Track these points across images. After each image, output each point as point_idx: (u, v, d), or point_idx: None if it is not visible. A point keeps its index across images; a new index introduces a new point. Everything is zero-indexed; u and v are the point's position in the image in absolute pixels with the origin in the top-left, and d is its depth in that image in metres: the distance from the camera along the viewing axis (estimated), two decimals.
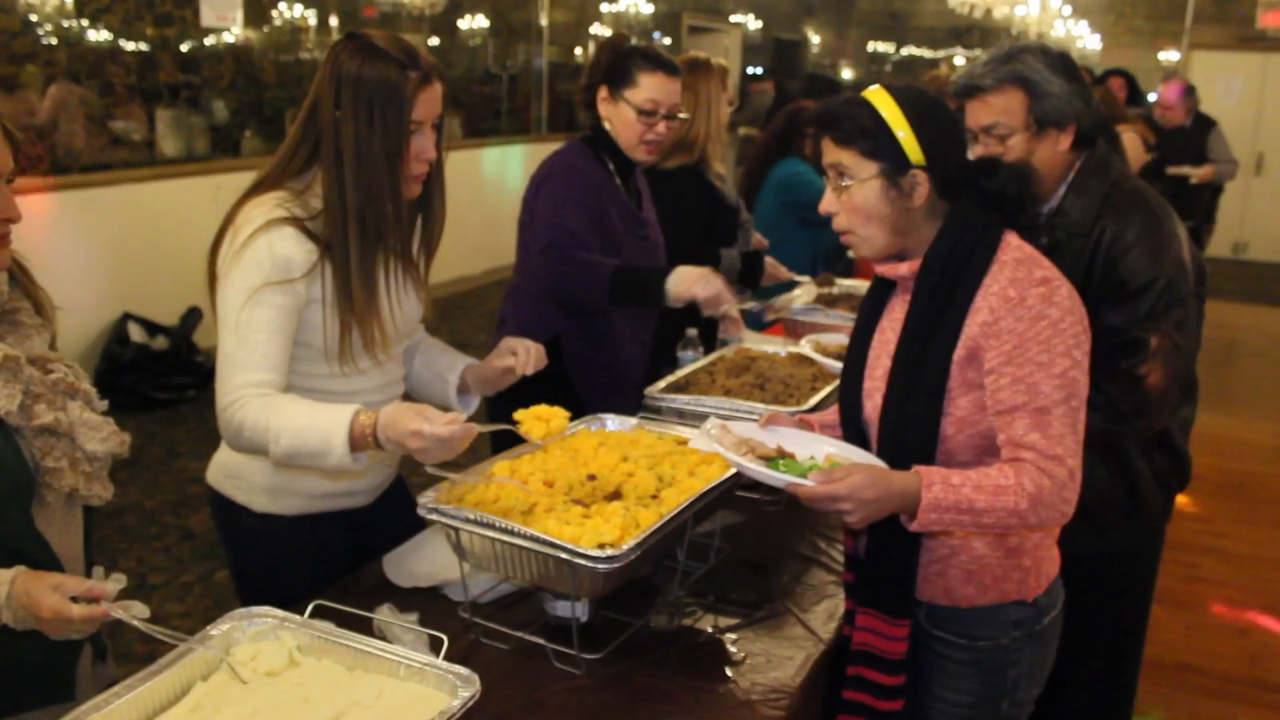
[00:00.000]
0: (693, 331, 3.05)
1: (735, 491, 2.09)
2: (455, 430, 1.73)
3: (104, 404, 1.61)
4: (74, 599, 1.36)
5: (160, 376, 5.98)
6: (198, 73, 6.84)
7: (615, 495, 1.90)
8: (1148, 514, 2.38)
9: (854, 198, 1.75)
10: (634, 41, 2.82)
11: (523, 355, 2.11)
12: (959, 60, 13.71)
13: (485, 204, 7.86)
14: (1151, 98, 8.15)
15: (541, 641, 1.83)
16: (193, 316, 6.40)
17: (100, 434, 1.55)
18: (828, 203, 1.80)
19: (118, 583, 1.41)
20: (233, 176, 6.82)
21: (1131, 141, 5.82)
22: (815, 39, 16.36)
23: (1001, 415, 1.68)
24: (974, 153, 2.21)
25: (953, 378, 1.72)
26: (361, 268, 1.93)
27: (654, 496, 1.89)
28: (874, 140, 1.72)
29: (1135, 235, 2.14)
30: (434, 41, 9.35)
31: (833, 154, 1.77)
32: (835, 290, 3.70)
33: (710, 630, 1.97)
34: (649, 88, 2.71)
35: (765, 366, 2.63)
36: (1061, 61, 2.21)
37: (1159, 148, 6.00)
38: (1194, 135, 6.82)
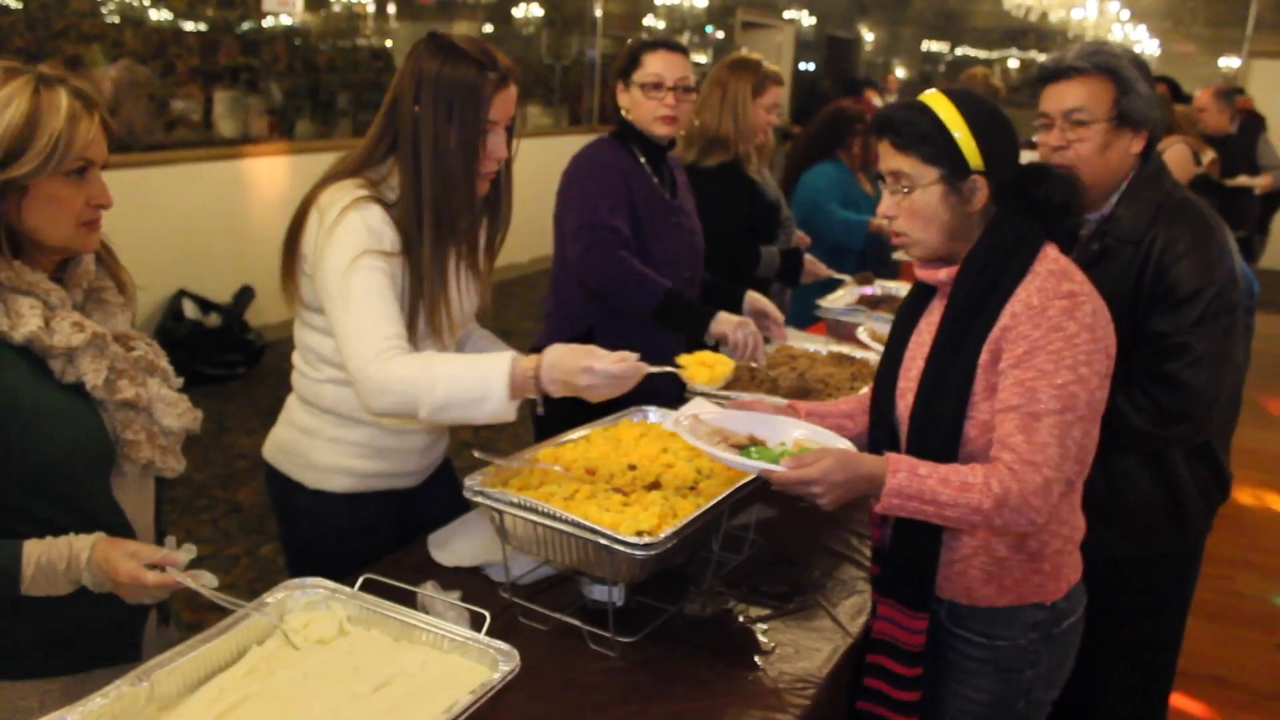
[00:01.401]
0: None
1: (771, 487, 2.14)
2: (625, 368, 1.83)
3: (179, 380, 1.70)
4: (148, 566, 1.45)
5: (212, 353, 6.12)
6: (257, 55, 6.96)
7: (655, 485, 1.95)
8: (1189, 522, 2.37)
9: (915, 203, 1.79)
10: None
11: None
12: (1013, 63, 13.59)
13: (535, 195, 7.92)
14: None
15: (578, 623, 1.90)
16: (245, 295, 6.54)
17: (176, 410, 1.63)
18: (886, 207, 1.84)
19: (189, 552, 1.49)
20: (287, 159, 6.98)
21: (1180, 153, 5.70)
22: (869, 36, 16.32)
23: (999, 414, 1.73)
24: (1043, 139, 2.23)
25: (977, 380, 1.76)
26: (434, 257, 2.00)
27: (692, 488, 1.95)
28: (935, 145, 1.76)
29: (1186, 245, 2.13)
30: (488, 29, 9.44)
31: (893, 160, 1.81)
32: (878, 291, 3.73)
33: (741, 620, 2.02)
34: (651, 64, 2.82)
35: (805, 365, 2.68)
36: (1145, 70, 2.22)
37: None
38: (1240, 142, 6.67)
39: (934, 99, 1.79)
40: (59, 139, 1.47)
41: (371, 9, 7.93)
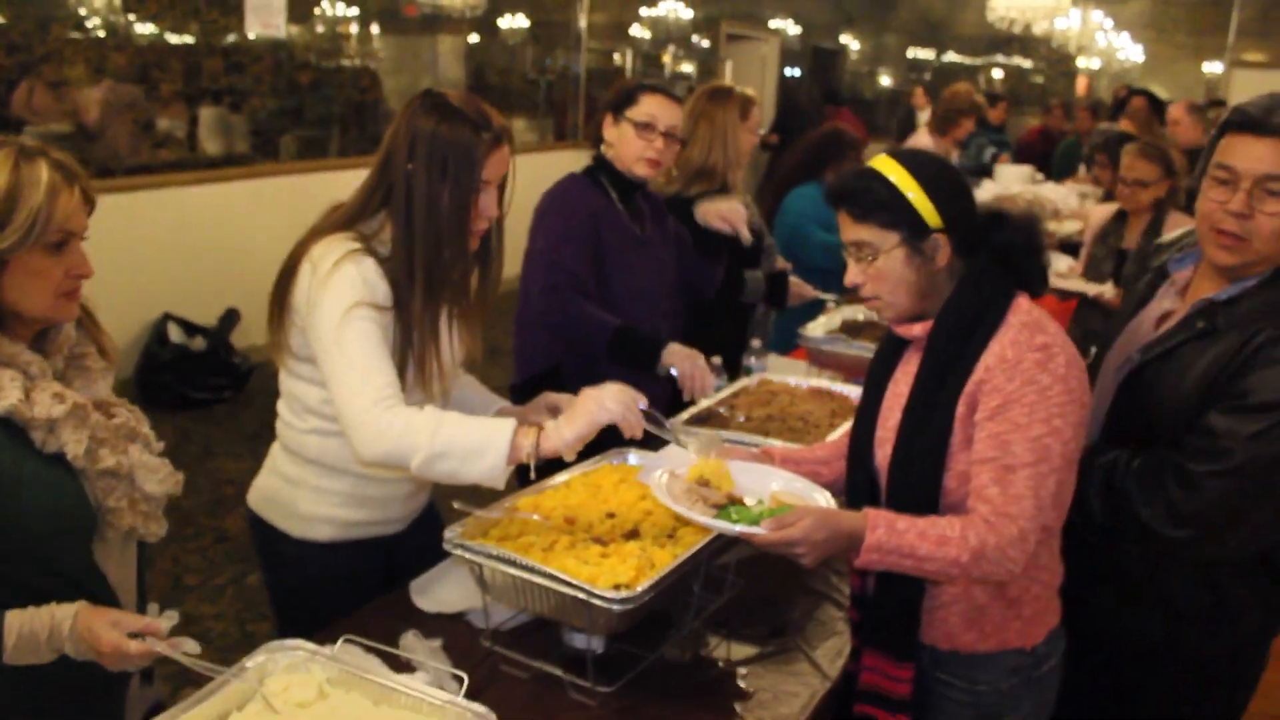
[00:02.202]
0: (717, 359, 3.13)
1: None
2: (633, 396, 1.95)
3: (160, 445, 1.71)
4: (131, 635, 1.46)
5: (198, 377, 6.12)
6: (241, 74, 6.97)
7: (633, 533, 1.97)
8: (1238, 630, 2.06)
9: (880, 269, 1.82)
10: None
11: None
12: (997, 73, 13.66)
13: (520, 210, 7.91)
14: None
15: (558, 673, 1.92)
16: (230, 318, 6.55)
17: (158, 475, 1.65)
18: (852, 275, 1.87)
19: (170, 619, 1.51)
20: (272, 181, 6.99)
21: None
22: (854, 46, 16.37)
23: (975, 465, 1.76)
24: (1216, 196, 1.92)
25: (955, 433, 1.79)
26: (425, 312, 2.03)
27: (670, 535, 1.97)
28: (891, 211, 1.79)
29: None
30: (474, 39, 9.43)
31: (852, 231, 1.83)
32: (861, 318, 3.75)
33: (721, 664, 2.04)
34: (647, 104, 2.85)
35: (785, 402, 2.70)
36: None
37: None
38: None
39: (883, 163, 1.82)
40: (39, 213, 1.49)
41: (355, 29, 7.94)
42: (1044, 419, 1.72)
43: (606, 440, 2.04)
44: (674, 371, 2.68)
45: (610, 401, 1.93)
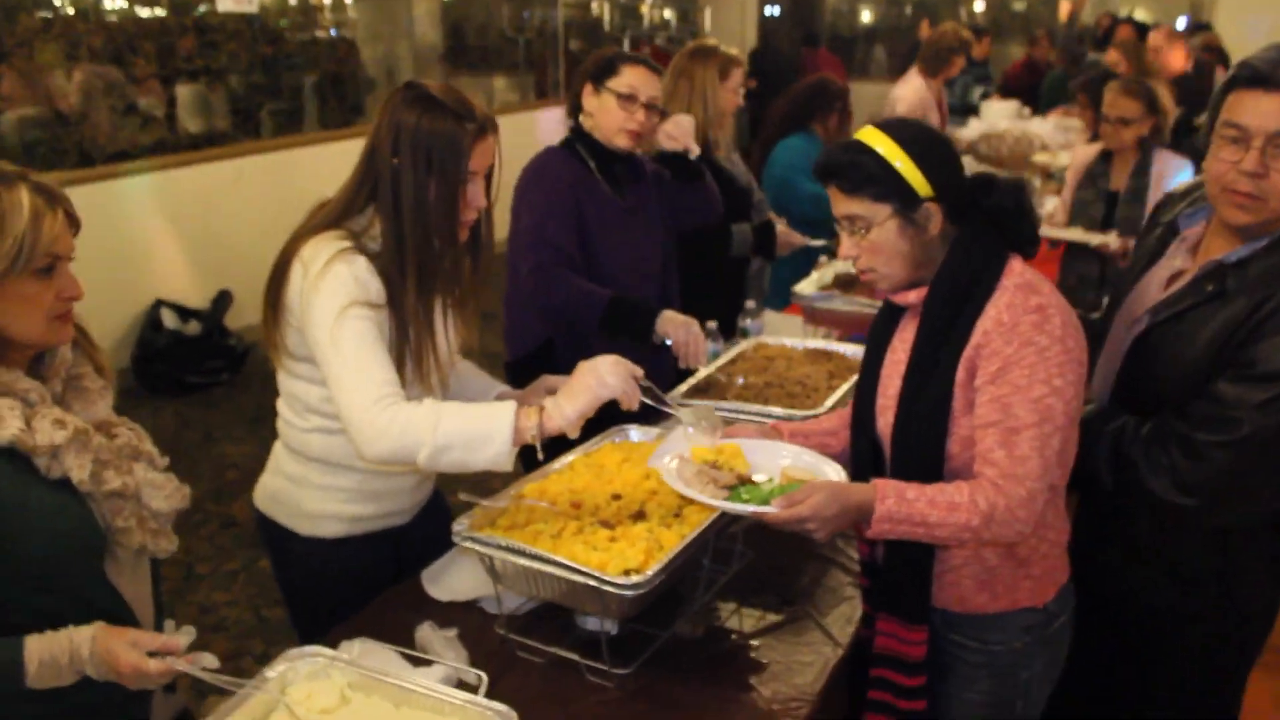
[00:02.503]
0: (712, 324, 3.13)
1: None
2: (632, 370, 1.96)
3: (165, 460, 1.72)
4: (149, 653, 1.48)
5: (194, 361, 6.12)
6: (216, 50, 6.88)
7: (640, 514, 1.99)
8: (1246, 593, 2.06)
9: (874, 241, 1.82)
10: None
11: None
12: (979, 5, 13.49)
13: (507, 175, 7.84)
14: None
15: (574, 657, 1.94)
16: (223, 300, 6.53)
17: (164, 492, 1.66)
18: (846, 249, 1.87)
19: (188, 635, 1.53)
20: (254, 159, 6.93)
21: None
22: None
23: (978, 430, 1.77)
24: (1228, 156, 1.87)
25: (955, 398, 1.80)
26: (419, 306, 2.02)
27: (676, 514, 1.98)
28: (881, 183, 1.78)
29: None
30: None
31: (844, 205, 1.83)
32: (854, 270, 3.75)
33: (734, 637, 2.07)
34: (629, 76, 2.83)
35: (783, 366, 2.71)
36: None
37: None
38: (1196, 79, 6.51)
39: (870, 135, 1.81)
40: (24, 239, 1.48)
41: (329, 5, 7.83)
42: (1044, 379, 1.73)
43: (604, 414, 2.04)
44: (669, 341, 2.68)
45: (609, 376, 1.94)
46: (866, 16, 15.66)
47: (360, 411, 1.89)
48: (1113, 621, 2.16)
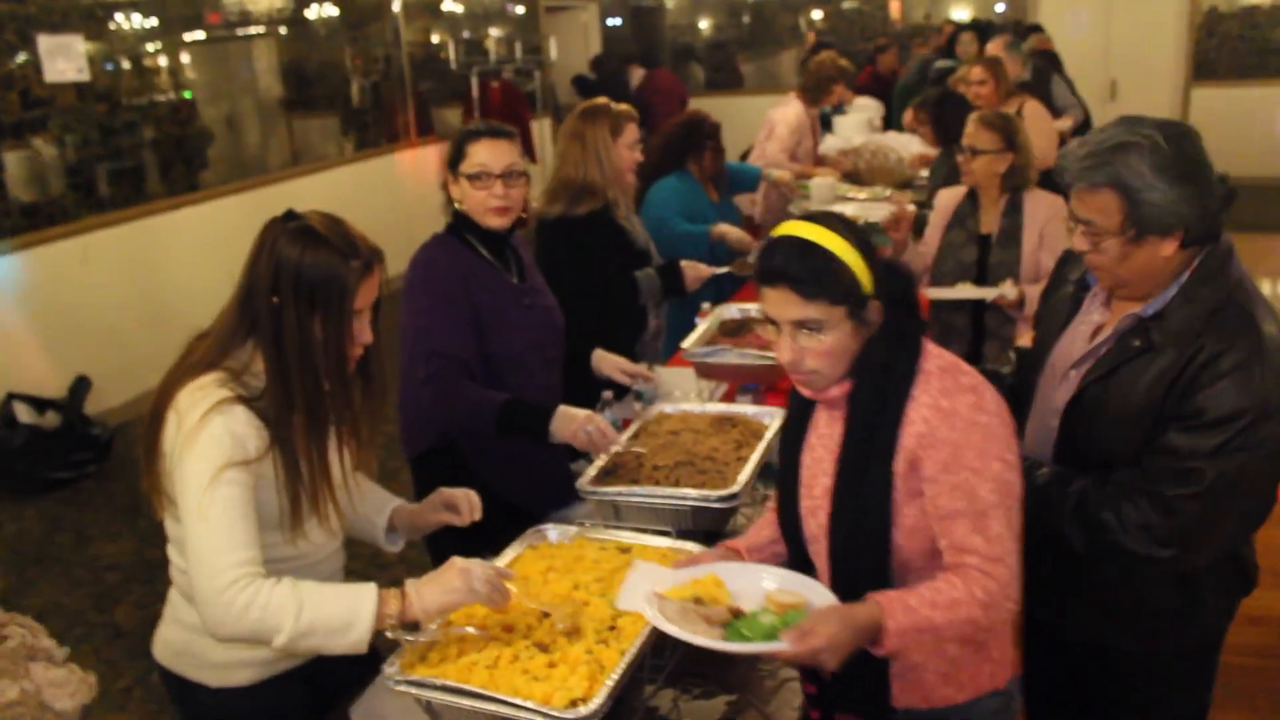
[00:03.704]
0: (608, 394, 3.11)
1: None
2: (496, 576, 1.93)
3: (64, 651, 1.60)
4: None
5: (56, 455, 5.78)
6: (44, 124, 6.52)
7: (574, 630, 1.94)
8: (1205, 620, 2.17)
9: (828, 345, 1.78)
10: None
11: (465, 510, 2.17)
12: (816, 13, 13.78)
13: (362, 221, 7.69)
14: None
15: None
16: (81, 386, 6.21)
17: (68, 689, 1.55)
18: (788, 354, 1.81)
19: None
20: (100, 234, 6.62)
21: (1036, 110, 5.77)
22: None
23: (943, 520, 1.76)
24: (1073, 241, 2.04)
25: (896, 489, 1.79)
26: (309, 448, 1.94)
27: (611, 628, 1.94)
28: (839, 284, 1.75)
29: (1232, 363, 1.88)
30: (283, 31, 8.98)
31: (796, 309, 1.77)
32: (738, 315, 3.77)
33: None
34: (475, 154, 2.76)
35: (689, 440, 2.69)
36: (1175, 161, 1.90)
37: None
38: (1034, 88, 6.57)
39: (816, 233, 1.77)
40: None
41: (164, 60, 7.52)
42: (997, 456, 1.75)
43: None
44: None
45: (478, 584, 1.89)
46: (704, 24, 15.81)
47: (216, 592, 1.80)
48: (1074, 670, 2.20)
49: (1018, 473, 1.78)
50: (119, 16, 7.11)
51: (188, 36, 7.82)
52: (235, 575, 1.80)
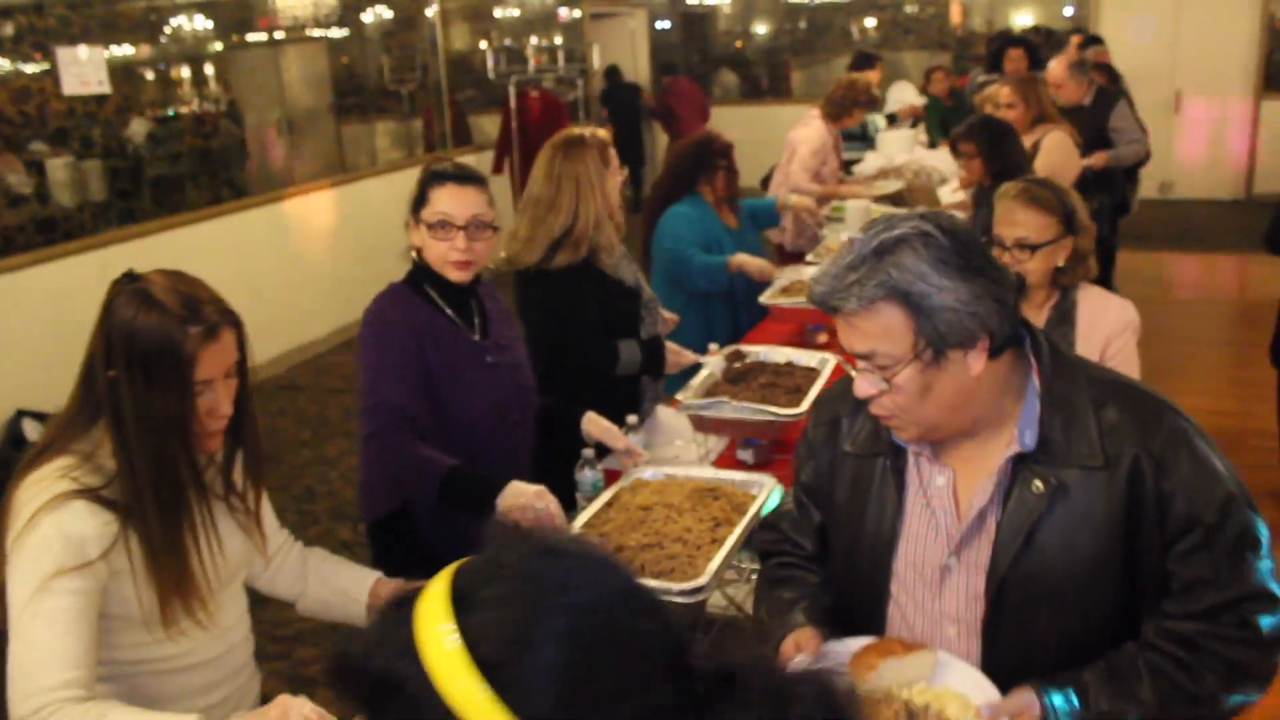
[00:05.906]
0: (589, 451, 2.84)
1: None
2: None
3: None
4: None
5: None
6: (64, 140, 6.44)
7: None
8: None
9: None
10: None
11: None
12: (870, 21, 13.43)
13: (386, 237, 7.47)
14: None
15: None
16: None
17: None
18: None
19: None
20: (127, 246, 6.51)
21: (1059, 142, 5.19)
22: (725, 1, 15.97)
23: None
24: (854, 388, 1.66)
25: None
26: (165, 534, 1.74)
27: None
28: None
29: (1186, 466, 1.56)
30: (339, 33, 8.86)
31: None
32: (740, 365, 3.47)
33: None
34: (438, 201, 2.49)
35: (660, 519, 2.42)
36: (955, 250, 1.53)
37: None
38: (1094, 114, 6.02)
39: None
40: None
41: (186, 73, 7.40)
42: None
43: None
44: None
45: None
46: (761, 29, 15.50)
47: (27, 714, 1.60)
48: None
49: None
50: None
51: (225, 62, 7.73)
52: (42, 702, 1.59)
